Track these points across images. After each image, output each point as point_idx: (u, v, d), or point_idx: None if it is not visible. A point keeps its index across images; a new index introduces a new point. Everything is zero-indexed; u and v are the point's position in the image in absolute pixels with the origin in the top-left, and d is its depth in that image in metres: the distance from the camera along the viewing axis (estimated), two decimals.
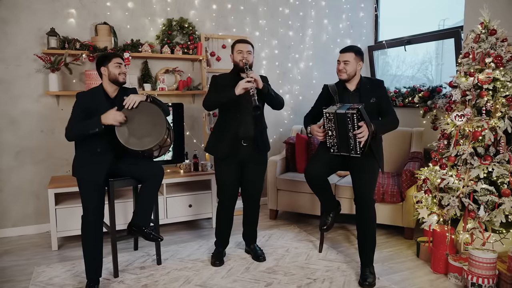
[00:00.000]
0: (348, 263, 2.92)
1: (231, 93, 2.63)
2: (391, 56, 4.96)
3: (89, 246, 2.53)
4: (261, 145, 2.85)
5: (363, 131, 2.48)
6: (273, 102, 2.83)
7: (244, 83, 2.59)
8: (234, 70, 2.82)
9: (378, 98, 2.70)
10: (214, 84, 2.84)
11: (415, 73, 4.74)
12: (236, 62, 2.77)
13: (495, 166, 2.53)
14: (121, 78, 2.60)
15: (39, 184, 3.55)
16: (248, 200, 2.99)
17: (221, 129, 2.84)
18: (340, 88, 2.79)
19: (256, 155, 2.87)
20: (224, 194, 2.87)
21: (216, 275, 2.75)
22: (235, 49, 2.78)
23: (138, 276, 2.74)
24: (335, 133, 2.61)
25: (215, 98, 2.74)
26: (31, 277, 2.73)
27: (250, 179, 2.91)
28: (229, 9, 4.15)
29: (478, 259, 2.42)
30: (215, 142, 2.85)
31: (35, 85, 3.48)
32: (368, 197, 2.62)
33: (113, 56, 2.62)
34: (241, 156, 2.81)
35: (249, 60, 2.73)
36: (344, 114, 2.49)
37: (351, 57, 2.69)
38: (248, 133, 2.77)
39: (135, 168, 2.67)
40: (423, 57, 4.69)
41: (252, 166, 2.88)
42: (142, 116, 2.56)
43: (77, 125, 2.51)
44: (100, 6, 3.65)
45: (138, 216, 2.68)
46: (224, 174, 2.84)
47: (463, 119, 2.67)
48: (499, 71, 2.61)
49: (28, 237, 3.49)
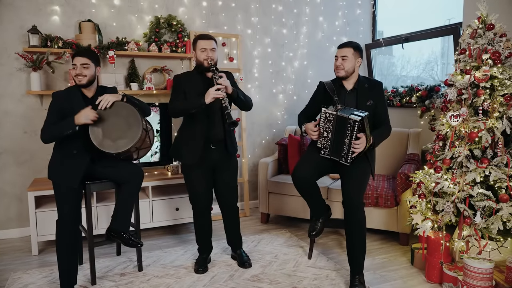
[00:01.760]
0: (338, 271, 2.78)
1: (200, 102, 2.47)
2: (396, 56, 4.81)
3: (63, 252, 2.43)
4: (230, 146, 2.72)
5: (361, 143, 2.36)
6: (241, 105, 2.70)
7: (214, 92, 2.44)
8: (198, 69, 2.65)
9: (375, 101, 2.58)
10: (178, 86, 2.65)
11: (420, 73, 4.58)
12: (200, 61, 2.59)
13: (492, 170, 2.37)
14: (77, 80, 2.44)
15: (22, 186, 3.45)
16: (225, 206, 2.85)
17: (188, 133, 2.67)
18: (337, 86, 2.65)
19: (226, 157, 2.73)
20: (198, 201, 2.73)
21: (198, 283, 2.62)
22: (198, 46, 2.59)
23: (116, 284, 2.62)
24: (330, 135, 2.48)
25: (183, 107, 2.57)
26: (6, 284, 2.63)
27: (224, 183, 2.77)
28: (220, 6, 4.03)
29: (473, 269, 2.26)
30: (181, 147, 2.69)
31: (17, 85, 3.37)
32: (356, 199, 2.47)
33: (73, 57, 2.47)
34: (211, 160, 2.67)
35: (214, 59, 2.58)
36: (347, 119, 2.36)
37: (350, 53, 2.56)
38: (216, 136, 2.64)
39: (112, 170, 2.56)
40: (429, 57, 4.52)
41: (223, 169, 2.75)
42: (116, 118, 2.45)
43: (52, 127, 2.40)
44: (85, 3, 3.54)
45: (117, 221, 2.56)
46: (195, 180, 2.69)
47: (459, 120, 2.51)
48: (497, 68, 2.45)
49: (10, 241, 3.39)
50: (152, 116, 3.47)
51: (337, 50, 2.61)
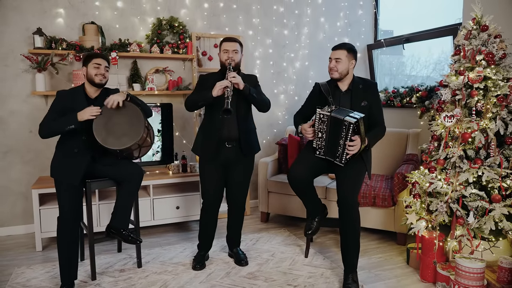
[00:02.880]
0: (333, 269, 2.81)
1: (208, 94, 2.57)
2: (406, 55, 4.80)
3: (64, 248, 2.49)
4: (245, 146, 2.76)
5: (355, 145, 2.39)
6: (256, 104, 2.75)
7: (220, 84, 2.52)
8: (221, 69, 2.75)
9: (370, 102, 2.61)
10: (200, 83, 2.77)
11: (430, 72, 4.56)
12: (222, 61, 2.71)
13: (485, 170, 2.38)
14: (97, 79, 2.54)
15: (27, 184, 3.54)
16: (233, 204, 2.91)
17: (206, 129, 2.78)
18: (332, 87, 2.69)
19: (241, 157, 2.78)
20: (208, 196, 2.80)
21: (195, 280, 2.68)
22: (222, 48, 2.72)
23: (115, 279, 2.69)
24: (325, 136, 2.52)
25: (193, 99, 2.68)
26: (9, 278, 2.71)
27: (235, 182, 2.83)
28: (221, 7, 4.08)
29: (465, 268, 2.28)
30: (201, 142, 2.79)
31: (22, 85, 3.47)
32: (350, 198, 2.50)
33: (94, 57, 2.58)
34: (224, 157, 2.73)
35: (234, 60, 2.66)
36: (341, 121, 2.39)
37: (343, 55, 2.59)
38: (230, 134, 2.70)
39: (113, 169, 2.63)
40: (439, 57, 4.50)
41: (236, 168, 2.80)
42: (120, 116, 2.53)
43: (52, 122, 2.48)
44: (89, 5, 3.62)
45: (116, 218, 2.63)
46: (207, 176, 2.77)
47: (453, 120, 2.53)
48: (490, 69, 2.46)
49: (15, 237, 3.49)
50: (154, 116, 3.56)
51: (331, 52, 2.64)
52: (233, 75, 2.57)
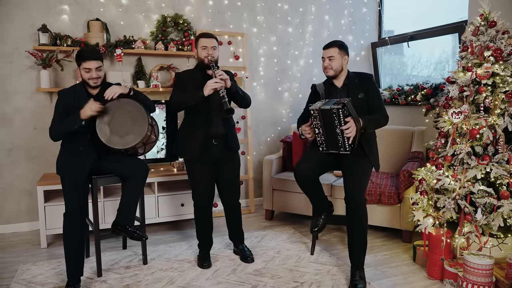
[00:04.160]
0: (340, 267, 2.80)
1: (199, 94, 2.53)
2: (406, 55, 4.78)
3: (70, 244, 2.49)
4: (231, 143, 2.76)
5: (350, 126, 2.38)
6: (240, 101, 2.75)
7: (212, 83, 2.50)
8: (199, 66, 2.72)
9: (366, 92, 2.60)
10: (178, 82, 2.72)
11: (431, 72, 4.55)
12: (201, 58, 2.67)
13: (493, 166, 2.37)
14: (91, 82, 2.50)
15: (32, 181, 3.54)
16: (227, 202, 2.90)
17: (190, 128, 2.72)
18: (327, 85, 2.69)
19: (228, 153, 2.78)
20: (200, 196, 2.77)
21: (201, 276, 2.67)
22: (199, 44, 2.67)
23: (121, 276, 2.68)
24: (321, 130, 2.51)
25: (182, 99, 2.62)
26: (15, 275, 2.71)
27: (226, 181, 2.82)
28: (225, 5, 4.07)
29: (473, 265, 2.27)
30: (184, 143, 2.75)
31: (27, 82, 3.46)
32: (357, 195, 2.49)
33: (82, 60, 2.46)
34: (213, 155, 2.72)
35: (214, 57, 2.64)
36: (329, 110, 2.39)
37: (335, 52, 2.62)
38: (217, 131, 2.69)
39: (118, 165, 2.62)
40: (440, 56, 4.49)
41: (226, 166, 2.79)
42: (122, 113, 2.51)
43: (59, 124, 2.47)
44: (94, 2, 3.62)
45: (122, 215, 2.62)
46: (198, 175, 2.74)
47: (460, 117, 2.52)
48: (499, 65, 2.45)
49: (20, 234, 3.48)
50: (158, 113, 3.56)
51: (323, 51, 2.67)
52: (221, 73, 2.56)
